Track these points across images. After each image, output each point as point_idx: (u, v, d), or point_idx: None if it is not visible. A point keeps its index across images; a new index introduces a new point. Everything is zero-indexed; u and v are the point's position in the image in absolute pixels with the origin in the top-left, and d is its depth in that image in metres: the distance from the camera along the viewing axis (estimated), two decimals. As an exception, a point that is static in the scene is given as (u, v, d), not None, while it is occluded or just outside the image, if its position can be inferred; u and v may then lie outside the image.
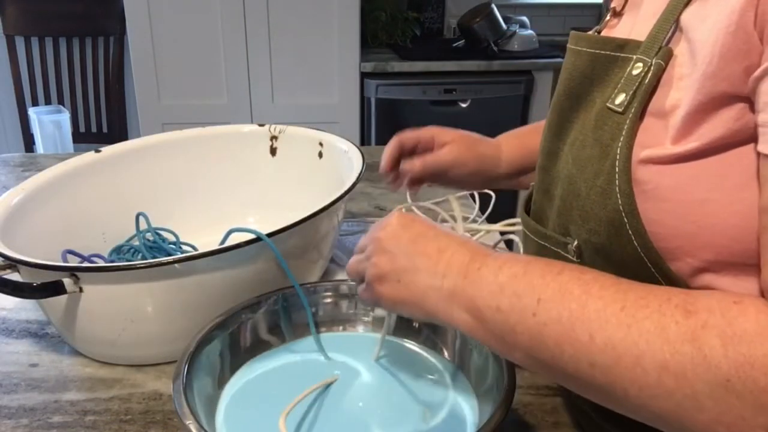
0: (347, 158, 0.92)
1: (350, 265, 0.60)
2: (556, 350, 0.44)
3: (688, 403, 0.38)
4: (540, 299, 0.45)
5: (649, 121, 0.47)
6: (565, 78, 0.56)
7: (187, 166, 1.00)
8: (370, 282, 0.55)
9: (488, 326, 0.48)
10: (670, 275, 0.46)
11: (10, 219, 0.76)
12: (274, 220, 0.75)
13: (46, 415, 0.66)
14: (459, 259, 0.51)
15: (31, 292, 0.67)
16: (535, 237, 0.59)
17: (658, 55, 0.47)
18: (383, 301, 0.55)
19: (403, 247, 0.53)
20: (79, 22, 2.48)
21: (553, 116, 0.58)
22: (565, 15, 2.96)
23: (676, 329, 0.39)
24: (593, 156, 0.50)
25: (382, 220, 0.57)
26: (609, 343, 0.41)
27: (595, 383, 0.42)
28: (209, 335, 0.63)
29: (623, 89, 0.48)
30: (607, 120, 0.49)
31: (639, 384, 0.40)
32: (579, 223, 0.51)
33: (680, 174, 0.44)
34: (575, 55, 0.55)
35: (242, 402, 0.62)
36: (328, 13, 2.30)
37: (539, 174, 0.61)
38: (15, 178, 1.28)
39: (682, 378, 0.38)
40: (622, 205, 0.47)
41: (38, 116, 1.73)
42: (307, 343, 0.70)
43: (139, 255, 0.89)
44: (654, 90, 0.47)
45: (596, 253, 0.50)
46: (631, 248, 0.47)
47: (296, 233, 0.73)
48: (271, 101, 2.41)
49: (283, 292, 0.70)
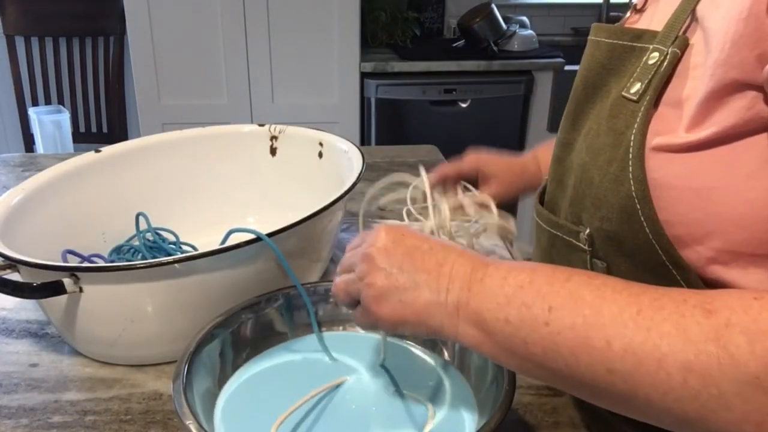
0: (347, 158, 0.92)
1: (338, 286, 0.56)
2: (571, 359, 0.42)
3: (715, 404, 0.38)
4: (551, 307, 0.44)
5: (664, 110, 0.47)
6: (583, 69, 0.56)
7: (187, 166, 1.00)
8: (368, 304, 0.51)
9: (497, 339, 0.46)
10: (682, 263, 0.46)
11: (10, 219, 0.76)
12: (274, 220, 0.75)
13: (46, 415, 0.66)
14: (460, 271, 0.49)
15: (31, 292, 0.67)
16: (547, 226, 0.59)
17: (674, 44, 0.47)
18: (383, 322, 0.51)
19: (398, 263, 0.50)
20: (79, 22, 2.48)
21: (570, 107, 0.58)
22: (565, 15, 2.96)
23: (698, 329, 0.39)
24: (607, 144, 0.50)
25: (366, 234, 0.54)
26: (628, 348, 0.40)
27: (615, 390, 0.41)
28: (209, 335, 0.63)
29: (639, 78, 0.48)
30: (621, 109, 0.49)
31: (663, 388, 0.39)
32: (591, 211, 0.51)
33: (691, 162, 0.44)
34: (594, 46, 0.55)
35: (242, 402, 0.62)
36: (328, 13, 2.30)
37: (553, 165, 0.61)
38: (15, 178, 1.28)
39: (708, 378, 0.37)
40: (635, 192, 0.46)
41: (38, 116, 1.74)
42: (307, 343, 0.70)
43: (139, 255, 0.89)
44: (669, 79, 0.47)
45: (608, 241, 0.50)
46: (642, 235, 0.47)
47: (296, 233, 0.73)
48: (271, 101, 2.41)
49: (283, 291, 0.70)
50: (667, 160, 0.45)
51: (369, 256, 0.51)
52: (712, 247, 0.45)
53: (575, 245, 0.54)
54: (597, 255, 0.52)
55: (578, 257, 0.54)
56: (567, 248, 0.56)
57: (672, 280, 0.47)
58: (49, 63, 2.50)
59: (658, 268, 0.47)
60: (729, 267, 0.45)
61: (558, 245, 0.57)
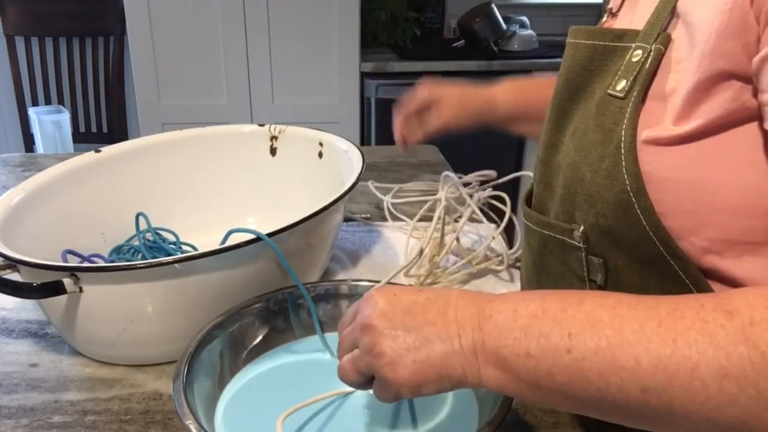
0: (347, 158, 0.92)
1: (345, 368, 0.51)
2: (601, 383, 0.40)
3: (755, 405, 0.37)
4: (571, 334, 0.42)
5: (651, 105, 0.48)
6: (563, 71, 0.57)
7: (187, 166, 1.00)
8: (384, 375, 0.47)
9: (521, 375, 0.43)
10: (679, 253, 0.47)
11: (10, 219, 0.76)
12: (274, 220, 0.75)
13: (46, 415, 0.66)
14: (466, 313, 0.46)
15: (31, 292, 0.67)
16: (538, 227, 0.59)
17: (657, 41, 0.48)
18: (404, 388, 0.46)
19: (401, 324, 0.47)
20: (79, 22, 2.48)
21: (552, 110, 0.59)
22: (565, 15, 2.96)
23: (723, 333, 0.38)
24: (596, 141, 0.50)
25: (357, 305, 0.51)
26: (658, 362, 0.39)
27: (650, 408, 0.40)
28: (209, 335, 0.63)
29: (623, 76, 0.49)
30: (608, 106, 0.50)
31: (700, 398, 0.38)
32: (585, 208, 0.52)
33: (680, 154, 0.45)
34: (573, 49, 0.56)
35: (242, 402, 0.62)
36: (328, 13, 2.30)
37: (539, 167, 0.61)
38: (15, 178, 1.28)
39: (744, 380, 0.37)
40: (630, 186, 0.47)
41: (38, 116, 1.73)
42: (307, 343, 0.70)
43: (139, 255, 0.89)
44: (654, 74, 0.48)
45: (604, 237, 0.51)
46: (639, 228, 0.47)
47: (296, 233, 0.73)
48: (271, 101, 2.41)
49: (283, 292, 0.70)
50: (657, 153, 0.46)
51: (369, 326, 0.48)
52: (706, 237, 0.46)
53: (569, 243, 0.54)
54: (592, 251, 0.52)
55: (573, 255, 0.54)
56: (561, 247, 0.56)
57: (670, 272, 0.48)
58: (49, 63, 2.50)
59: (656, 260, 0.48)
60: (723, 256, 0.46)
61: (551, 245, 0.57)
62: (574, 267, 0.55)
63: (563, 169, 0.55)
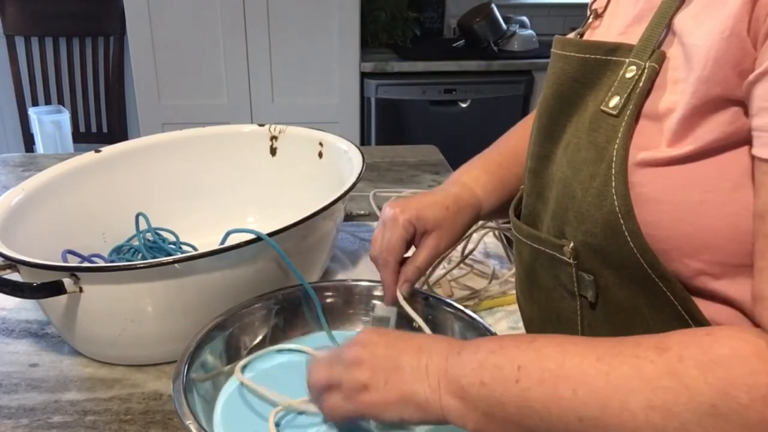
0: (347, 158, 0.92)
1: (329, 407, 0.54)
2: (543, 412, 0.44)
3: None
4: (520, 366, 0.45)
5: (644, 124, 0.47)
6: (553, 82, 0.56)
7: (187, 166, 1.00)
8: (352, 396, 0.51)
9: (476, 404, 0.47)
10: (667, 275, 0.47)
11: (10, 219, 0.76)
12: (274, 220, 0.75)
13: (46, 415, 0.66)
14: (438, 348, 0.50)
15: (31, 292, 0.67)
16: (528, 240, 0.59)
17: (651, 58, 0.47)
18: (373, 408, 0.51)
19: (382, 352, 0.52)
20: (79, 22, 2.48)
21: (542, 121, 0.58)
22: (565, 15, 2.96)
23: (652, 368, 0.40)
24: (588, 159, 0.50)
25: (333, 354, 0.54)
26: (592, 394, 0.42)
27: None
28: (209, 335, 0.63)
29: (617, 92, 0.49)
30: (601, 123, 0.49)
31: (629, 427, 0.40)
32: (574, 225, 0.51)
33: (676, 176, 0.45)
34: (563, 60, 0.55)
35: (241, 402, 0.62)
36: (328, 13, 2.30)
37: (530, 178, 0.60)
38: (15, 178, 1.28)
39: (669, 412, 0.39)
40: (618, 207, 0.47)
41: (38, 116, 1.73)
42: (306, 343, 0.70)
43: (139, 255, 0.89)
44: (648, 93, 0.47)
45: (593, 254, 0.51)
46: (627, 249, 0.47)
47: (296, 233, 0.73)
48: (271, 101, 2.41)
49: (282, 292, 0.70)
50: (653, 175, 0.46)
51: (358, 360, 0.52)
52: (702, 260, 0.46)
53: (559, 259, 0.54)
54: (583, 268, 0.52)
55: (563, 270, 0.54)
56: (551, 262, 0.56)
57: (658, 292, 0.48)
58: (49, 63, 2.49)
59: (644, 280, 0.48)
60: (719, 278, 0.46)
61: (541, 260, 0.57)
62: (565, 282, 0.55)
63: (556, 183, 0.55)
